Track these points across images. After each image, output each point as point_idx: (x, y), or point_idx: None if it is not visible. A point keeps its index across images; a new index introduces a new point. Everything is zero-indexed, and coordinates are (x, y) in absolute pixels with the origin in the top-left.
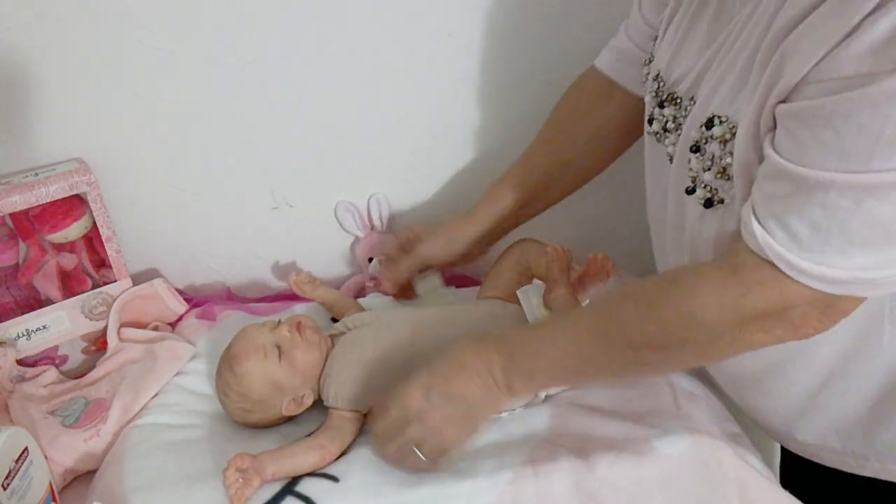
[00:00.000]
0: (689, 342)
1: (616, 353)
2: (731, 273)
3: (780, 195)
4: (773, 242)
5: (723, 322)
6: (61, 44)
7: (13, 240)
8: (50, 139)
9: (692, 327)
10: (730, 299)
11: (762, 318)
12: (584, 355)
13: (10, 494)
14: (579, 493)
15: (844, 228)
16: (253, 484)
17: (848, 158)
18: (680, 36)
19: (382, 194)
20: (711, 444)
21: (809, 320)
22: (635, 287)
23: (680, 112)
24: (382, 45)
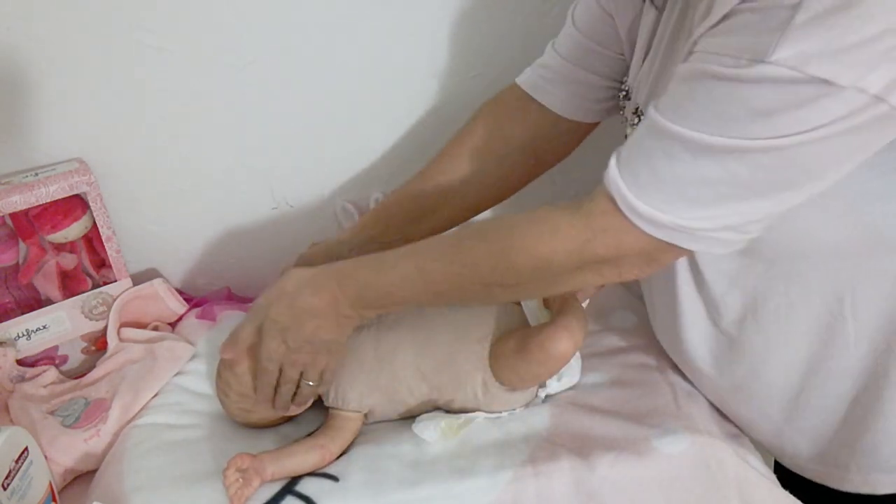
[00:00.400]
0: (536, 280)
1: (467, 290)
2: (582, 218)
3: (639, 138)
4: (619, 178)
5: (568, 265)
6: (61, 44)
7: (13, 240)
8: (50, 139)
9: (542, 269)
10: (577, 244)
11: (600, 263)
12: (434, 293)
13: (10, 494)
14: (579, 493)
15: (679, 179)
16: (253, 484)
17: (697, 121)
18: (654, 75)
19: (382, 194)
20: (712, 444)
21: (634, 268)
22: (491, 228)
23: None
24: (382, 45)
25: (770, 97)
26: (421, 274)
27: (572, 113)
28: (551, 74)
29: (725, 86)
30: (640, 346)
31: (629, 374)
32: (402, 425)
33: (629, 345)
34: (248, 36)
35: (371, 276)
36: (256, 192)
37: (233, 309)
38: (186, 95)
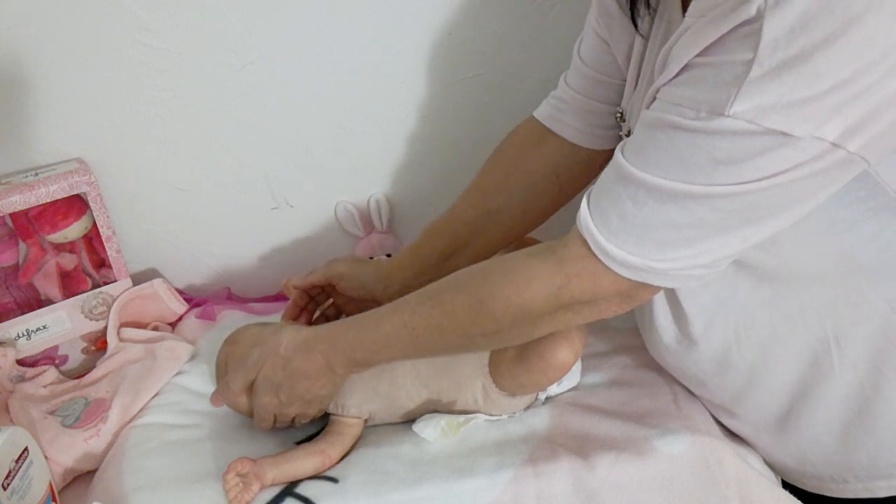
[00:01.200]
0: (516, 326)
1: (449, 343)
2: (556, 264)
3: (607, 182)
4: (591, 222)
5: (546, 310)
6: (61, 44)
7: (13, 240)
8: (50, 139)
9: (520, 316)
10: (552, 289)
11: (577, 305)
12: (419, 347)
13: (10, 494)
14: (579, 493)
15: (646, 223)
16: (252, 488)
17: (661, 168)
18: (642, 99)
19: (382, 194)
20: (711, 444)
21: (612, 307)
22: (466, 280)
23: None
24: (382, 45)
25: (730, 148)
26: (405, 330)
27: (588, 142)
28: (565, 106)
29: (687, 136)
30: (639, 347)
31: (629, 374)
32: (402, 427)
33: (628, 345)
34: (247, 36)
35: (359, 336)
36: (256, 192)
37: (233, 309)
38: (186, 95)
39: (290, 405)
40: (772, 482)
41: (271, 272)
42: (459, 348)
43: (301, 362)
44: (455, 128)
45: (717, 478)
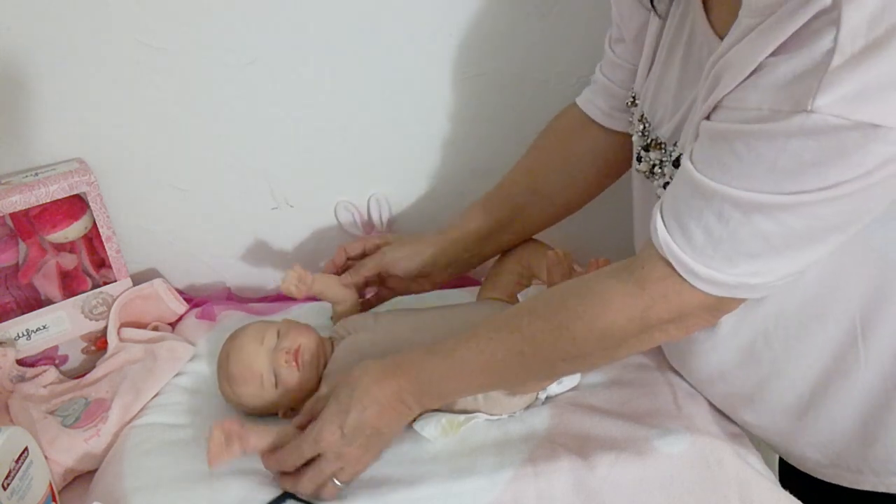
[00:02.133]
0: (600, 350)
1: (531, 369)
2: (637, 287)
3: (684, 198)
4: (672, 242)
5: (631, 332)
6: (61, 44)
7: (13, 240)
8: (50, 139)
9: (604, 339)
10: (637, 312)
11: (664, 324)
12: (497, 375)
13: (10, 494)
14: (579, 493)
15: (734, 237)
16: (233, 448)
17: (744, 178)
18: (656, 83)
19: (382, 194)
20: (712, 444)
21: (700, 322)
22: (542, 305)
23: (665, 156)
24: (383, 45)
25: (816, 147)
26: (483, 356)
27: (623, 126)
28: (598, 89)
29: (769, 141)
30: None
31: (629, 374)
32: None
33: None
34: (248, 36)
35: (434, 363)
36: (256, 192)
37: (233, 309)
38: (186, 95)
39: (352, 440)
40: (772, 482)
41: (271, 272)
42: (540, 374)
43: (372, 385)
44: (455, 128)
45: (717, 478)
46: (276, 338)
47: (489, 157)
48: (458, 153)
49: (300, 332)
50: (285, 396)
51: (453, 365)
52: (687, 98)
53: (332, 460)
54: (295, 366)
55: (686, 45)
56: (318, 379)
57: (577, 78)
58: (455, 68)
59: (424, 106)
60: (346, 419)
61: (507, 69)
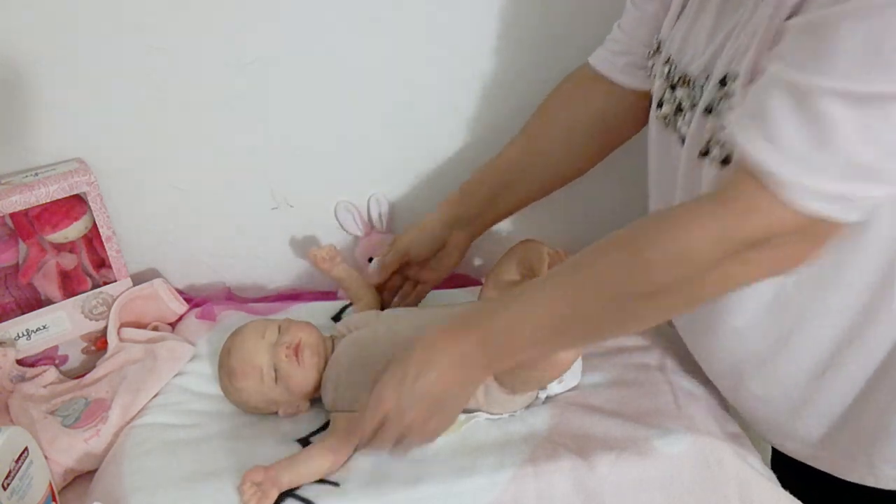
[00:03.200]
0: (678, 283)
1: (604, 310)
2: (721, 205)
3: (770, 104)
4: (759, 151)
5: (712, 256)
6: (61, 44)
7: (13, 240)
8: (50, 139)
9: (681, 266)
10: (716, 231)
11: (749, 249)
12: (569, 320)
13: (9, 494)
14: (579, 493)
15: (833, 139)
16: (270, 495)
17: (845, 68)
18: (689, 22)
19: (382, 194)
20: (712, 444)
21: (793, 250)
22: (617, 235)
23: (694, 91)
24: (383, 45)
25: None
26: (552, 299)
27: (637, 83)
28: (615, 47)
29: (871, 20)
30: (640, 347)
31: (630, 373)
32: None
33: (630, 345)
34: (248, 36)
35: (501, 312)
36: (256, 192)
37: (233, 309)
38: (186, 95)
39: (409, 407)
40: (772, 482)
41: (271, 272)
42: (607, 318)
43: (434, 348)
44: (455, 128)
45: (717, 478)
46: (278, 333)
47: (489, 157)
48: (457, 153)
49: (301, 328)
50: (285, 392)
51: (523, 310)
52: (725, 28)
53: (396, 425)
54: (295, 360)
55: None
56: (318, 376)
57: None
58: (455, 68)
59: (424, 106)
60: (404, 380)
61: (507, 69)
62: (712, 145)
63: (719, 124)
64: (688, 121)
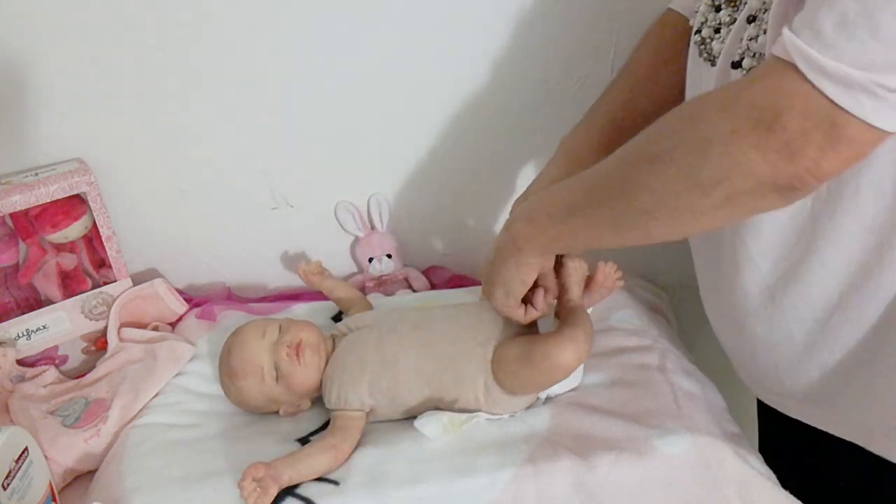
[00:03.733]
0: (680, 146)
1: (614, 176)
2: (739, 80)
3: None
4: (798, 40)
5: (714, 116)
6: (61, 44)
7: (13, 240)
8: (50, 139)
9: (686, 123)
10: (728, 95)
11: (756, 123)
12: (586, 187)
13: (10, 494)
14: (579, 493)
15: (873, 20)
16: (270, 492)
17: None
18: None
19: (382, 194)
20: (712, 445)
21: (809, 143)
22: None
23: (736, 11)
24: (382, 45)
25: None
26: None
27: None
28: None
29: None
30: (641, 347)
31: (630, 374)
32: (403, 425)
33: (630, 345)
34: (247, 36)
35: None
36: (256, 192)
37: (233, 309)
38: (186, 95)
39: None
40: (772, 482)
41: (271, 272)
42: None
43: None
44: (455, 128)
45: (717, 478)
46: (278, 332)
47: (489, 157)
48: (457, 153)
49: (301, 328)
50: (286, 391)
51: (565, 183)
52: None
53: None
54: (296, 359)
55: None
56: (319, 375)
57: (577, 78)
58: (455, 68)
59: (425, 106)
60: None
61: (507, 69)
62: (746, 55)
63: (758, 32)
64: (723, 38)
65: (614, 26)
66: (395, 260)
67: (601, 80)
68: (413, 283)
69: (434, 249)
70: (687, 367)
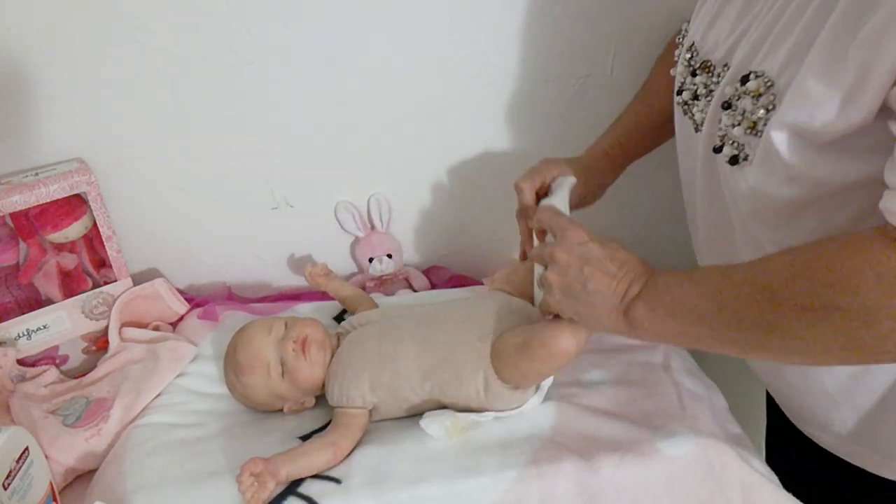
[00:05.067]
0: (838, 311)
1: (753, 306)
2: (886, 234)
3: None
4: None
5: (879, 290)
6: (61, 44)
7: (13, 240)
8: (50, 139)
9: (842, 290)
10: (882, 269)
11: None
12: (717, 300)
13: (10, 494)
14: (583, 494)
15: None
16: (268, 486)
17: None
18: (716, 8)
19: (382, 194)
20: (716, 446)
21: None
22: (794, 248)
23: (712, 79)
24: (382, 45)
25: None
26: (715, 278)
27: None
28: None
29: None
30: (645, 345)
31: (634, 372)
32: (406, 424)
33: (635, 343)
34: (248, 37)
35: (670, 272)
36: (256, 192)
37: (234, 309)
38: (186, 95)
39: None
40: (775, 485)
41: (271, 272)
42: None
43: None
44: (455, 128)
45: (720, 480)
46: (284, 329)
47: (489, 157)
48: (457, 153)
49: (307, 324)
50: (291, 387)
51: (691, 275)
52: (750, 14)
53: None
54: (302, 354)
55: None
56: (324, 371)
57: (577, 78)
58: (454, 68)
59: (424, 106)
60: (578, 247)
61: (507, 69)
62: (726, 142)
63: (734, 122)
64: (702, 108)
65: (614, 26)
66: (395, 260)
67: (601, 80)
68: (413, 282)
69: (434, 249)
70: (691, 367)
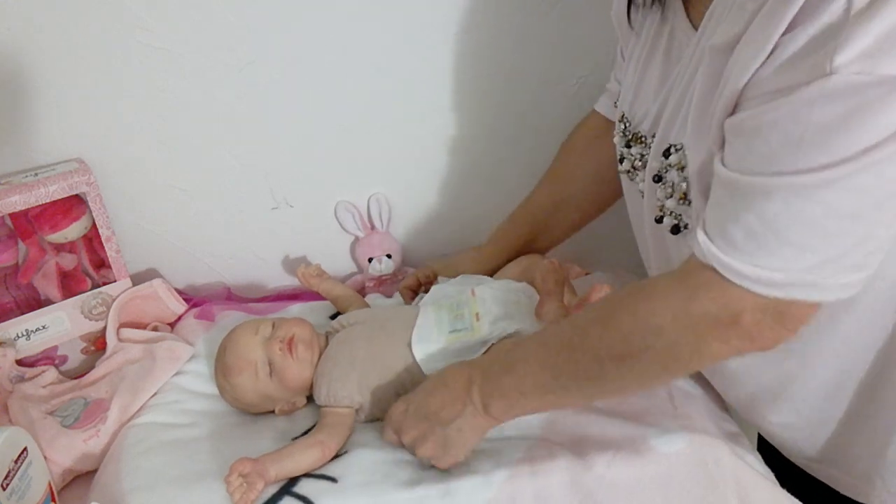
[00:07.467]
0: (649, 350)
1: (580, 366)
2: (678, 280)
3: (721, 203)
4: (714, 248)
5: (677, 329)
6: (61, 44)
7: (13, 240)
8: (50, 139)
9: (649, 334)
10: (678, 303)
11: (715, 326)
12: (551, 369)
13: (9, 495)
14: (576, 492)
15: (777, 231)
16: (257, 487)
17: (774, 162)
18: (637, 78)
19: (382, 194)
20: (709, 444)
21: (763, 328)
22: (601, 301)
23: (646, 150)
24: (383, 45)
25: (840, 111)
26: (538, 349)
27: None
28: (613, 94)
29: (791, 116)
30: None
31: None
32: None
33: None
34: (247, 36)
35: (498, 358)
36: (256, 192)
37: (232, 309)
38: (186, 95)
39: (416, 421)
40: (770, 481)
41: (271, 272)
42: (590, 374)
43: (448, 371)
44: (455, 128)
45: (714, 477)
46: (271, 329)
47: (489, 158)
48: (457, 153)
49: (294, 324)
50: (280, 387)
51: (516, 354)
52: (662, 90)
53: (406, 438)
54: (289, 354)
55: (667, 41)
56: (312, 370)
57: (577, 78)
58: (455, 68)
59: (424, 106)
60: (414, 396)
61: (507, 69)
62: (665, 213)
63: (666, 194)
64: (643, 177)
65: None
66: (395, 260)
67: (601, 80)
68: None
69: (434, 249)
70: None
